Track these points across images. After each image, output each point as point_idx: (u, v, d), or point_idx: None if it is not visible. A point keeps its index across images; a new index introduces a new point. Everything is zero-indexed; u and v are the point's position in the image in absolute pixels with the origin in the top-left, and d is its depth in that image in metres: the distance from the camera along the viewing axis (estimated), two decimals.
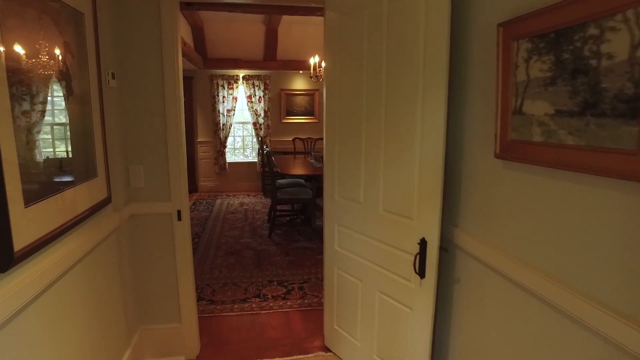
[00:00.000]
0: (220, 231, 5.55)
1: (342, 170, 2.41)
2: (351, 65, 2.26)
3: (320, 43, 7.31)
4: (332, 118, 2.47)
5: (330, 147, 2.51)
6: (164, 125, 2.38)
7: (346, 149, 2.36)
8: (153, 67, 2.32)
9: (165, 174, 2.43)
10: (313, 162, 5.65)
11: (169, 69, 2.35)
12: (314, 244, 4.99)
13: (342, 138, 2.39)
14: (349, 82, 2.29)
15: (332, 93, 2.45)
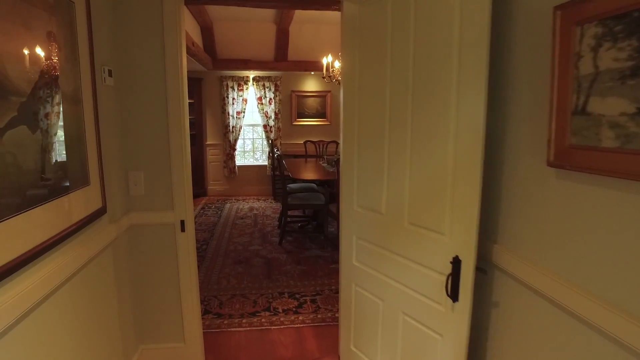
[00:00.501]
0: (229, 237, 5.35)
1: (362, 178, 2.19)
2: (372, 62, 2.03)
3: (333, 43, 7.16)
4: (350, 121, 2.25)
5: (348, 152, 2.29)
6: (167, 128, 2.18)
7: (366, 154, 2.13)
8: (154, 64, 2.12)
9: (168, 180, 2.23)
10: (326, 166, 5.43)
11: (172, 67, 2.14)
12: (327, 252, 4.77)
13: (361, 142, 2.17)
14: (370, 81, 2.06)
15: (350, 93, 2.23)
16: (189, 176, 2.32)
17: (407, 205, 1.90)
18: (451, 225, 1.68)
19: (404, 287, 1.97)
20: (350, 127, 2.24)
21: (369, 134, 2.10)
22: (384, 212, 2.05)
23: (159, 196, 2.24)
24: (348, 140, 2.28)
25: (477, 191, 1.55)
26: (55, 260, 1.42)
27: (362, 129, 2.15)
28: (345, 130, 2.30)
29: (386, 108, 1.96)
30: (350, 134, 2.25)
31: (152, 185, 2.22)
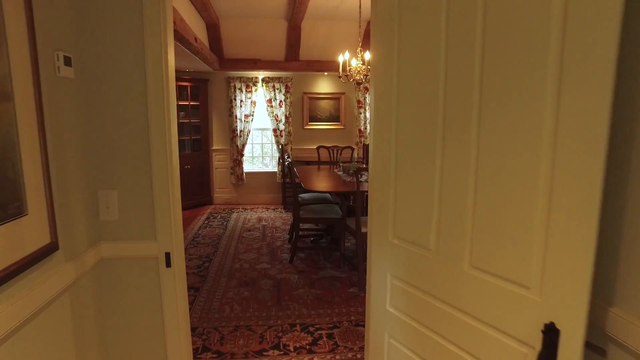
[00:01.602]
0: (235, 253, 4.85)
1: (401, 201, 1.66)
2: (418, 54, 1.51)
3: (350, 40, 6.66)
4: (384, 127, 1.73)
5: (380, 166, 1.77)
6: (147, 136, 1.68)
7: (408, 170, 1.61)
8: (131, 51, 1.63)
9: (149, 201, 1.73)
10: (342, 175, 4.91)
11: (153, 54, 1.65)
12: (344, 273, 4.24)
13: (401, 155, 1.64)
14: (414, 79, 1.54)
15: (384, 94, 1.71)
16: (177, 195, 1.81)
17: (468, 242, 1.38)
18: (541, 276, 1.15)
19: (462, 352, 1.44)
20: (384, 136, 1.72)
21: (413, 144, 1.57)
22: (433, 247, 1.52)
23: (137, 222, 1.74)
24: (381, 152, 1.76)
25: (592, 227, 1.01)
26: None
27: (402, 137, 1.63)
28: (376, 139, 1.79)
29: (438, 112, 1.44)
30: (384, 143, 1.73)
31: (129, 207, 1.72)
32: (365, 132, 7.52)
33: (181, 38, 3.96)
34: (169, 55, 1.71)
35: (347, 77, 4.80)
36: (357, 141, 7.56)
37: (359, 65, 4.75)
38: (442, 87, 1.42)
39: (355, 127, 7.58)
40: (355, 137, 7.60)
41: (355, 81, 4.77)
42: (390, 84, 1.66)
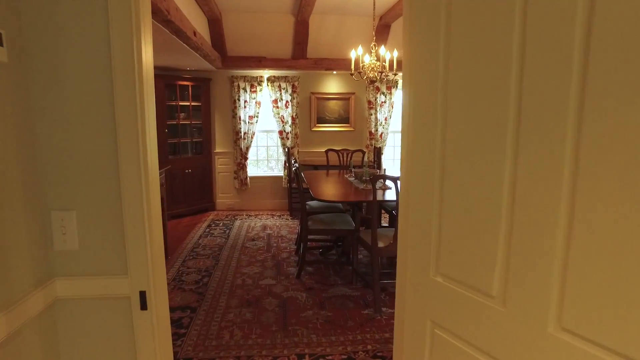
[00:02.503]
0: (237, 266, 4.45)
1: (449, 227, 1.25)
2: (476, 46, 1.10)
3: (361, 36, 6.22)
4: (424, 133, 1.32)
5: (418, 181, 1.36)
6: (114, 143, 1.28)
7: (460, 187, 1.20)
8: (88, 37, 1.23)
9: (118, 225, 1.33)
10: (353, 182, 4.50)
11: (122, 47, 1.25)
12: (356, 291, 3.82)
13: (450, 167, 1.23)
14: (470, 76, 1.12)
15: (424, 93, 1.31)
16: (156, 216, 1.41)
17: (556, 294, 0.96)
18: None
19: None
20: (425, 143, 1.31)
21: (467, 155, 1.16)
22: (497, 294, 1.11)
23: (103, 252, 1.34)
24: (419, 163, 1.34)
25: None
26: None
27: (452, 146, 1.21)
28: (412, 147, 1.37)
29: (508, 116, 1.02)
30: (424, 152, 1.32)
31: (92, 233, 1.33)
32: (376, 134, 7.11)
33: (177, 30, 3.57)
34: (144, 43, 1.32)
35: (359, 74, 4.40)
36: (368, 144, 7.15)
37: (372, 61, 4.34)
38: (514, 86, 1.00)
39: (365, 129, 7.17)
40: (365, 140, 7.18)
41: (369, 79, 4.37)
42: (434, 82, 1.25)
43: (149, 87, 1.37)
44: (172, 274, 4.23)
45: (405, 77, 1.41)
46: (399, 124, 7.52)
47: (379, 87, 6.99)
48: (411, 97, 1.37)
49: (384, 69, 4.29)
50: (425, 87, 1.29)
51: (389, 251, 3.41)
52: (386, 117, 7.10)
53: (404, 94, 1.45)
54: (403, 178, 1.48)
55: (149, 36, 1.38)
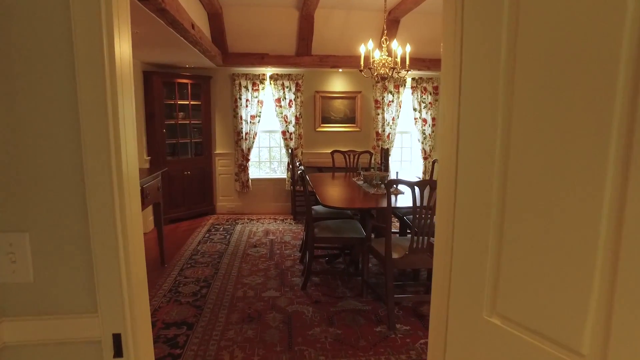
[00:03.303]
0: (238, 276, 4.16)
1: (514, 255, 0.96)
2: (557, 25, 0.81)
3: (368, 32, 5.86)
4: (477, 134, 1.03)
5: (468, 194, 1.07)
6: (78, 151, 0.99)
7: (531, 206, 0.90)
8: (47, 23, 0.94)
9: (84, 251, 1.04)
10: (362, 185, 4.20)
11: (88, 36, 0.96)
12: (367, 304, 3.53)
13: (517, 180, 0.93)
14: (546, 62, 0.83)
15: (477, 90, 1.02)
16: (137, 238, 1.12)
17: None
18: None
19: None
20: (478, 146, 1.02)
21: (545, 164, 0.86)
22: (589, 353, 0.82)
23: (65, 285, 1.05)
24: (469, 172, 1.05)
25: None
26: None
27: (520, 152, 0.92)
28: (458, 150, 1.08)
29: (613, 115, 0.73)
30: (478, 159, 1.02)
31: (51, 261, 1.04)
32: (383, 135, 6.81)
33: (173, 21, 3.28)
34: (118, 32, 1.02)
35: (369, 70, 4.10)
36: (374, 145, 6.85)
37: (383, 57, 4.05)
38: (623, 74, 0.71)
39: (372, 130, 6.87)
40: (372, 141, 6.89)
41: (380, 76, 4.07)
42: (492, 73, 0.96)
43: (125, 85, 1.07)
44: (169, 285, 3.93)
45: (447, 72, 1.12)
46: (406, 124, 7.24)
47: (387, 86, 6.70)
48: (453, 94, 1.08)
49: (396, 64, 4.00)
50: (480, 82, 1.00)
51: (404, 263, 3.12)
52: (394, 117, 6.80)
53: (443, 91, 1.16)
54: (441, 187, 1.19)
55: (126, 24, 1.09)
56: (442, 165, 1.18)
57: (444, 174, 1.18)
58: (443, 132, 1.17)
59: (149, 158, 5.84)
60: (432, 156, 6.93)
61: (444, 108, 1.16)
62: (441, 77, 1.18)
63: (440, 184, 1.20)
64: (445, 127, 1.15)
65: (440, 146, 1.19)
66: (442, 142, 1.17)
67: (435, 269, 1.25)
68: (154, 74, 5.73)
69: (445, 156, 1.16)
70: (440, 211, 1.21)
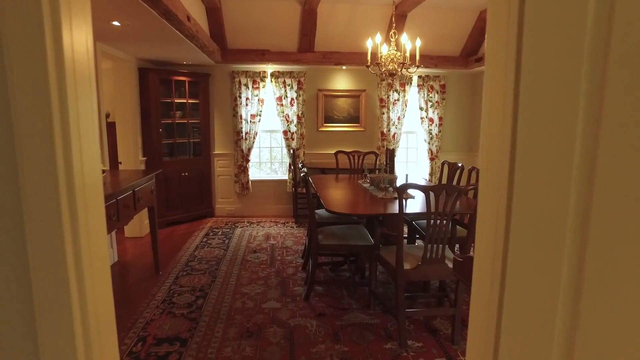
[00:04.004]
0: (236, 285, 3.91)
1: (598, 294, 0.70)
2: None
3: (374, 27, 5.56)
4: (552, 130, 0.76)
5: (524, 212, 0.81)
6: (12, 165, 0.74)
7: (627, 227, 0.65)
8: None
9: (21, 290, 0.79)
10: (369, 189, 3.95)
11: (23, 22, 0.71)
12: (375, 317, 3.28)
13: (614, 196, 0.68)
14: None
15: (543, 78, 0.76)
16: (103, 268, 0.87)
17: None
18: None
19: None
20: (548, 146, 0.76)
21: None
22: None
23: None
24: (532, 180, 0.80)
25: None
26: None
27: (617, 155, 0.67)
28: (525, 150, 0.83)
29: None
30: (549, 162, 0.76)
31: None
32: (389, 135, 6.56)
33: (167, 12, 3.04)
34: (67, 17, 0.78)
35: (377, 66, 3.85)
36: (379, 145, 6.60)
37: (392, 52, 3.79)
38: None
39: (377, 130, 6.62)
40: (377, 141, 6.64)
41: (388, 72, 3.82)
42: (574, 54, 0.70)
43: (81, 81, 0.83)
44: (163, 294, 3.69)
45: (492, 65, 0.87)
46: (412, 123, 6.98)
47: (392, 84, 6.45)
48: (505, 84, 0.83)
49: (406, 59, 3.74)
50: (555, 66, 0.75)
51: (417, 274, 2.87)
52: (399, 116, 6.55)
53: (489, 80, 0.91)
54: (484, 197, 0.94)
55: (83, 9, 0.84)
56: (482, 171, 0.93)
57: (483, 182, 0.93)
58: (488, 130, 0.93)
59: (144, 159, 5.60)
60: (439, 157, 6.68)
61: (490, 102, 0.91)
62: (487, 62, 0.93)
63: (480, 196, 0.95)
64: (493, 124, 0.90)
65: (484, 147, 0.94)
66: (486, 142, 0.93)
67: (472, 298, 1.00)
68: (149, 71, 5.49)
69: (493, 158, 0.91)
70: (480, 229, 0.96)
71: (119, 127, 5.31)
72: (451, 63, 6.18)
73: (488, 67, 0.94)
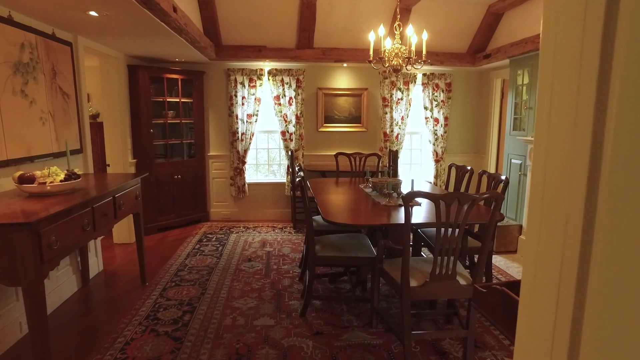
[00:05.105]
0: (227, 298, 3.61)
1: None
2: None
3: (376, 22, 5.16)
4: None
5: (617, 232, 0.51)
6: None
7: None
8: None
9: None
10: (371, 194, 3.65)
11: None
12: (378, 337, 2.97)
13: None
14: None
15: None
16: None
17: None
18: None
19: None
20: None
21: None
22: None
23: None
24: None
25: None
26: None
27: None
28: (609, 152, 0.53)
29: None
30: None
31: None
32: (392, 135, 6.26)
33: (147, 0, 2.74)
34: None
35: (380, 60, 3.54)
36: (382, 146, 6.29)
37: (396, 46, 3.49)
38: None
39: (379, 130, 6.32)
40: (379, 142, 6.34)
41: (392, 68, 3.52)
42: None
43: None
44: (147, 309, 3.39)
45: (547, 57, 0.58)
46: (416, 124, 6.67)
47: (395, 82, 6.14)
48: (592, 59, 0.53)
49: (411, 54, 3.44)
50: None
51: (424, 292, 2.56)
52: (403, 116, 6.24)
53: (546, 59, 0.62)
54: (539, 208, 0.65)
55: None
56: (534, 177, 0.64)
57: (536, 191, 0.64)
58: (548, 126, 0.63)
59: (134, 161, 5.31)
60: (444, 159, 6.37)
61: (552, 94, 0.62)
62: (545, 42, 0.64)
63: (531, 210, 0.66)
64: (558, 119, 0.61)
65: (540, 148, 0.65)
66: (544, 140, 0.63)
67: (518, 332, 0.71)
68: (140, 68, 5.19)
69: (555, 159, 0.61)
70: (538, 260, 0.68)
71: (107, 127, 5.02)
72: (458, 60, 5.87)
73: (547, 49, 0.65)
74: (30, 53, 3.07)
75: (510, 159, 5.24)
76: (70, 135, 3.69)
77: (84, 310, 3.46)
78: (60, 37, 3.54)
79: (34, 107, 3.12)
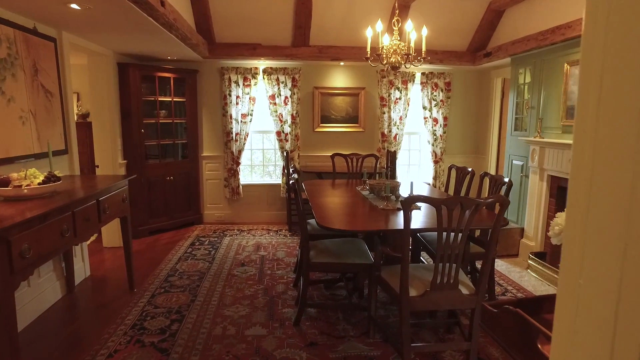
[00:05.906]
0: (218, 306, 3.45)
1: None
2: None
3: (373, 18, 4.88)
4: None
5: None
6: None
7: None
8: None
9: None
10: (368, 197, 3.50)
11: None
12: (375, 348, 2.82)
13: None
14: None
15: None
16: None
17: None
18: None
19: None
20: None
21: None
22: None
23: None
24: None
25: None
26: None
27: None
28: None
29: None
30: None
31: None
32: (390, 136, 6.11)
33: None
34: None
35: (378, 57, 3.39)
36: (379, 147, 6.15)
37: (394, 42, 3.35)
38: None
39: (377, 130, 6.18)
40: (377, 143, 6.19)
41: (390, 65, 3.37)
42: None
43: None
44: (134, 317, 3.23)
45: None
46: (414, 124, 6.52)
47: (393, 81, 6.00)
48: None
49: (411, 50, 3.29)
50: None
51: (424, 302, 2.41)
52: (401, 116, 6.10)
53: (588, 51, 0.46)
54: (573, 230, 0.49)
55: None
56: (571, 184, 0.49)
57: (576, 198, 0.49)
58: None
59: (124, 162, 5.14)
60: (443, 160, 6.23)
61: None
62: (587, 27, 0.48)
63: (568, 220, 0.51)
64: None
65: (581, 146, 0.49)
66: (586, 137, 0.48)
67: None
68: (130, 66, 5.03)
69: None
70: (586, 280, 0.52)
71: (96, 127, 4.85)
72: (457, 58, 5.72)
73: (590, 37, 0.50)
74: (8, 48, 2.90)
75: (511, 160, 5.10)
76: (54, 135, 3.53)
77: (66, 319, 3.29)
78: (42, 32, 3.38)
79: (12, 106, 2.96)
